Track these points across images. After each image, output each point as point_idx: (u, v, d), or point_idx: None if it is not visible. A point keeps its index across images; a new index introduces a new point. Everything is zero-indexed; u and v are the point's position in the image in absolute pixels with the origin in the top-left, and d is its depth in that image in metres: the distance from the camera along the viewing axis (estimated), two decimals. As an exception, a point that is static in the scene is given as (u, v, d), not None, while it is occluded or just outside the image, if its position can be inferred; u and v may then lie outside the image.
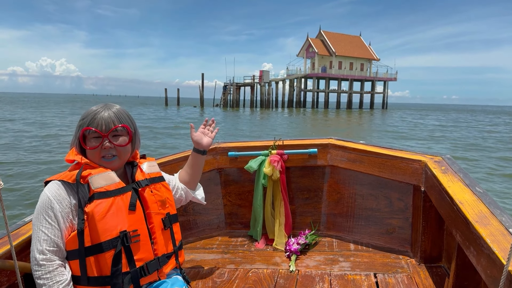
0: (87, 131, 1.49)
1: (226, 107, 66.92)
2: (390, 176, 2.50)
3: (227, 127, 27.92)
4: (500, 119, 53.50)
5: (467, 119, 49.23)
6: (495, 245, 1.24)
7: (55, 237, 1.38)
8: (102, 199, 1.42)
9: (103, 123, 1.49)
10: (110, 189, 1.45)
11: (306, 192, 3.01)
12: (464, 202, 1.63)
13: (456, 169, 2.07)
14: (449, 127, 32.09)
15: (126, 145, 1.55)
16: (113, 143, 1.51)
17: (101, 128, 1.49)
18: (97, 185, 1.44)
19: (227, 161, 2.96)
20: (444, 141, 21.66)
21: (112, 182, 1.48)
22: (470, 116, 59.81)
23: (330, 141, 2.87)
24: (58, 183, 1.44)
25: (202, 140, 2.03)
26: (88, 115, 1.52)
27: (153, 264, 1.53)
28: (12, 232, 1.61)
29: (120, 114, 1.55)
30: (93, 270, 1.40)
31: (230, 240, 2.94)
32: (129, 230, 1.45)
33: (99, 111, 1.52)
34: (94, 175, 1.46)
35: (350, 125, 33.85)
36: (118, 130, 1.53)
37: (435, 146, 19.21)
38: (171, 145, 17.40)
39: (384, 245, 2.67)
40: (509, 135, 25.83)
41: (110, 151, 1.51)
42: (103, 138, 1.49)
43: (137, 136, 1.67)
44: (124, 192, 1.50)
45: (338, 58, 70.39)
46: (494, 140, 22.67)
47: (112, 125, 1.50)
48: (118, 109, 1.57)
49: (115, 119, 1.52)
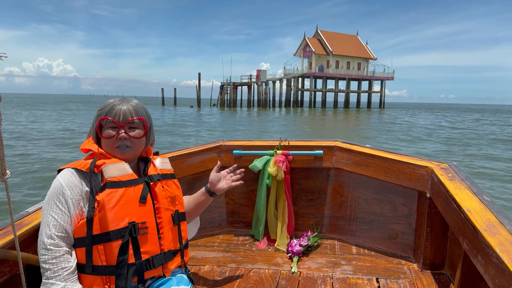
0: (104, 120, 1.53)
1: (223, 107, 66.95)
2: (395, 181, 2.49)
3: (224, 127, 27.95)
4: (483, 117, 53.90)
5: (454, 118, 49.76)
6: (504, 254, 1.23)
7: (65, 223, 1.39)
8: (114, 188, 1.44)
9: (120, 113, 1.53)
10: (122, 179, 1.48)
11: (310, 194, 3.00)
12: (472, 210, 1.61)
13: (463, 176, 2.06)
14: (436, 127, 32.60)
15: (141, 137, 1.58)
16: (129, 134, 1.54)
17: (118, 119, 1.53)
18: (110, 175, 1.46)
19: (232, 159, 2.95)
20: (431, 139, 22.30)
21: (125, 173, 1.50)
22: (457, 115, 60.07)
23: (336, 143, 2.86)
24: (72, 171, 1.46)
25: (218, 182, 1.96)
26: (106, 106, 1.56)
27: (159, 258, 1.53)
28: (16, 222, 1.60)
29: (138, 108, 1.59)
30: (99, 259, 1.41)
31: (231, 238, 2.94)
32: (138, 222, 1.46)
33: (117, 103, 1.56)
34: (108, 164, 1.48)
35: (348, 125, 33.94)
36: (135, 122, 1.56)
37: (422, 144, 19.52)
38: (169, 144, 17.45)
39: (387, 250, 2.66)
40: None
41: (125, 142, 1.53)
42: (119, 128, 1.52)
43: (152, 132, 1.70)
44: (136, 184, 1.51)
45: (335, 58, 70.59)
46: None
47: (129, 117, 1.54)
48: (137, 103, 1.62)
49: (132, 111, 1.56)
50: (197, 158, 2.83)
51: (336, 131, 26.44)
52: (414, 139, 21.90)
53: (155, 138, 1.78)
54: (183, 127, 26.90)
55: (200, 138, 20.67)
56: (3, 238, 1.47)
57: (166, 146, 16.51)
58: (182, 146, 3.03)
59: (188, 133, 23.12)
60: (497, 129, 30.36)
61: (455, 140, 21.19)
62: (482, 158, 14.71)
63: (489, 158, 14.67)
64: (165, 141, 18.34)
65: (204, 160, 2.87)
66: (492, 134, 25.46)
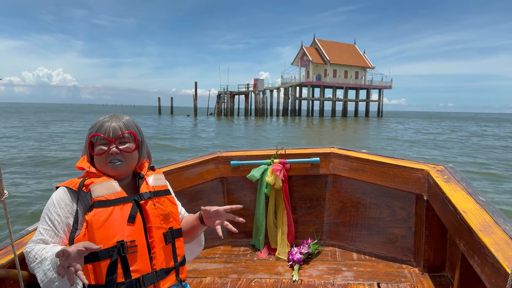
0: (95, 137, 1.53)
1: (220, 116, 66.99)
2: (393, 185, 2.50)
3: (221, 136, 27.85)
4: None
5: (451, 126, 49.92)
6: (499, 254, 1.24)
7: (51, 238, 1.41)
8: (102, 208, 1.43)
9: (110, 129, 1.54)
10: (110, 198, 1.46)
11: (309, 201, 3.01)
12: (468, 211, 1.63)
13: (459, 178, 2.07)
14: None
15: (132, 151, 1.57)
16: (120, 149, 1.54)
17: (108, 135, 1.53)
18: (97, 194, 1.45)
19: (230, 170, 2.95)
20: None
21: (114, 191, 1.49)
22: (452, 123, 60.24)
23: (332, 150, 2.88)
24: (65, 189, 1.48)
25: (211, 219, 1.75)
26: (96, 123, 1.57)
27: (149, 278, 1.49)
28: (16, 241, 1.60)
29: (128, 123, 1.61)
30: (88, 278, 1.39)
31: (232, 249, 2.93)
32: (127, 241, 1.44)
33: (107, 120, 1.57)
34: (96, 183, 1.48)
35: (346, 133, 33.97)
36: (125, 137, 1.57)
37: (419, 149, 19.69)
38: (166, 157, 17.34)
39: (387, 255, 2.67)
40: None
41: (117, 156, 1.53)
42: (110, 144, 1.52)
43: (145, 146, 1.69)
44: (125, 202, 1.49)
45: (332, 66, 70.97)
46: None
47: (119, 132, 1.55)
48: (127, 119, 1.63)
49: (122, 126, 1.57)
50: (195, 170, 2.82)
51: (336, 140, 26.46)
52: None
53: (152, 153, 1.76)
54: (175, 141, 24.75)
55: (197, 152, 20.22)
56: (3, 258, 1.48)
57: (162, 160, 16.02)
58: (178, 159, 3.02)
59: (183, 146, 21.39)
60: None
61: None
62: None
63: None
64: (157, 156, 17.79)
65: (202, 172, 2.86)
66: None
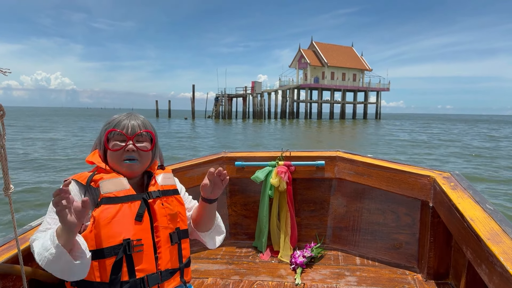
0: (112, 133, 1.53)
1: (218, 119, 66.98)
2: (398, 190, 2.48)
3: (219, 140, 27.81)
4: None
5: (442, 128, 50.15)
6: (508, 263, 1.23)
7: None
8: (110, 204, 1.41)
9: (129, 126, 1.54)
10: (118, 195, 1.45)
11: (312, 205, 2.99)
12: (475, 219, 1.61)
13: (465, 185, 2.05)
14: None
15: (148, 150, 1.57)
16: (136, 147, 1.53)
17: (127, 131, 1.53)
18: (106, 190, 1.44)
19: (234, 170, 2.94)
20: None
21: (122, 188, 1.47)
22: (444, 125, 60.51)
23: (338, 153, 2.86)
24: (73, 182, 1.47)
25: (210, 190, 1.75)
26: (114, 119, 1.57)
27: (154, 278, 1.48)
28: (20, 236, 1.58)
29: (146, 122, 1.61)
30: (93, 275, 1.37)
31: (234, 250, 2.91)
32: (133, 239, 1.42)
33: (125, 118, 1.57)
34: (105, 179, 1.46)
35: (344, 136, 34.01)
36: (143, 135, 1.57)
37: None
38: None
39: (391, 260, 2.65)
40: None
41: (133, 154, 1.52)
42: (127, 140, 1.52)
43: (158, 147, 1.70)
44: (133, 200, 1.48)
45: (330, 69, 71.17)
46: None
47: (137, 129, 1.55)
48: (144, 118, 1.63)
49: (141, 125, 1.57)
50: (199, 170, 2.81)
51: (335, 143, 26.44)
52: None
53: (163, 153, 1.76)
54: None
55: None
56: (7, 253, 1.46)
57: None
58: (183, 158, 2.99)
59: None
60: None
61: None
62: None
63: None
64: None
65: (206, 172, 2.84)
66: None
